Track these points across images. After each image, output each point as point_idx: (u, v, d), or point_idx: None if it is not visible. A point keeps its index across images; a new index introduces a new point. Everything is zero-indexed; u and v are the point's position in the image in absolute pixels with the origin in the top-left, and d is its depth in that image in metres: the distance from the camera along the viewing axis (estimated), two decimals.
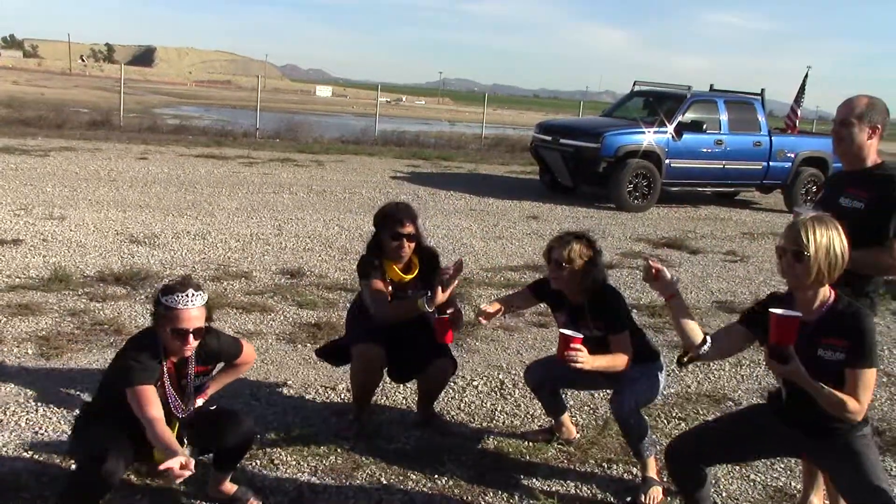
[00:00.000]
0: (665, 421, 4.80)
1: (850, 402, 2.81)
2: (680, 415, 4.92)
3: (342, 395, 4.77)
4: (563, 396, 4.44)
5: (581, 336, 3.54)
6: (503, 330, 6.35)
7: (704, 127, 14.30)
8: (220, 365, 3.74)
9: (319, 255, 8.42)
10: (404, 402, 4.78)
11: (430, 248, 4.37)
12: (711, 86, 16.35)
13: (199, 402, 3.53)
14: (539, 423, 4.62)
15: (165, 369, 3.26)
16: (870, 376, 2.84)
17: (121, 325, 5.67)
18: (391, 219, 4.13)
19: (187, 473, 2.80)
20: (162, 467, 2.79)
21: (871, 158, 3.54)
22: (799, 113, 17.32)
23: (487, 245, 9.75)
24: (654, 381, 3.97)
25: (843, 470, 2.97)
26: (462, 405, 4.83)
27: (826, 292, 2.94)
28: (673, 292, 3.13)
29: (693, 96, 14.77)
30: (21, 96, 33.79)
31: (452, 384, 5.09)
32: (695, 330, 3.10)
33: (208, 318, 3.31)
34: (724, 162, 14.56)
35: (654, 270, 3.11)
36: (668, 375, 4.25)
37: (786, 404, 3.08)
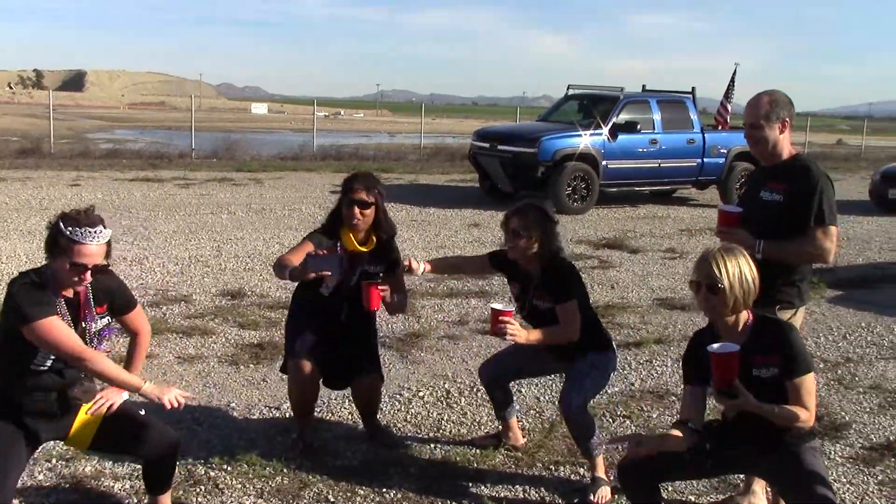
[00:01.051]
0: (610, 419, 4.85)
1: (801, 412, 2.90)
2: (625, 412, 4.97)
3: (287, 414, 4.72)
4: (514, 399, 4.46)
5: (511, 310, 3.60)
6: (448, 339, 6.35)
7: (639, 127, 14.54)
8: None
9: (260, 275, 8.33)
10: (350, 417, 4.75)
11: (389, 227, 4.21)
12: (644, 86, 16.65)
13: (102, 347, 3.34)
14: (486, 430, 4.63)
15: (61, 306, 3.08)
16: (810, 382, 2.94)
17: None
18: (346, 184, 4.08)
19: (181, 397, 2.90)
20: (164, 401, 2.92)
21: (787, 151, 3.64)
22: (730, 109, 17.68)
23: (430, 255, 9.74)
24: (603, 374, 3.99)
25: (794, 487, 2.99)
26: (409, 416, 4.81)
27: (745, 315, 3.03)
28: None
29: (626, 97, 15.00)
30: None
31: (398, 396, 5.08)
32: (677, 437, 3.04)
33: (108, 256, 3.13)
34: (659, 161, 14.81)
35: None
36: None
37: (735, 428, 3.12)
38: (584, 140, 14.00)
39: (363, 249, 4.12)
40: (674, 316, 7.27)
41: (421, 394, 5.17)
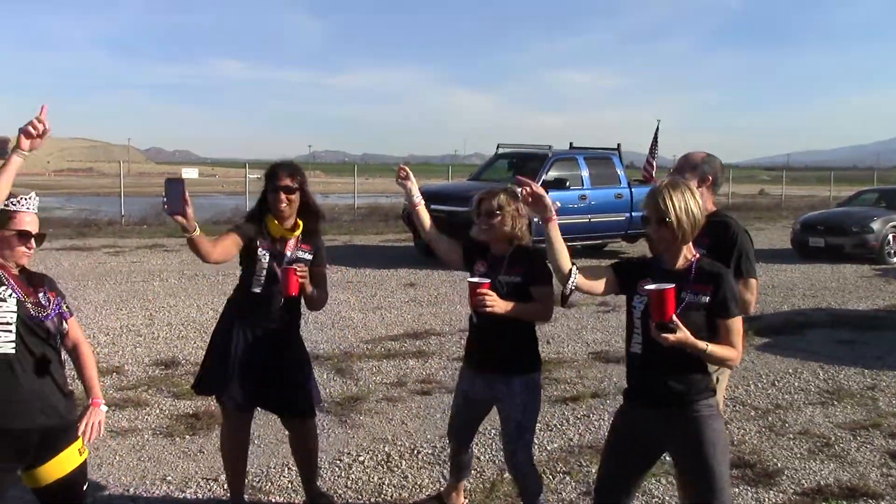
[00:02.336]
0: (550, 476, 4.88)
1: (730, 352, 3.04)
2: (564, 469, 5.01)
3: (224, 486, 4.63)
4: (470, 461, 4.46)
5: (488, 281, 3.68)
6: (386, 401, 6.34)
7: (568, 184, 14.87)
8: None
9: (194, 342, 8.21)
10: (289, 485, 4.69)
11: (315, 210, 4.20)
12: (571, 143, 17.06)
13: (97, 394, 3.30)
14: (427, 493, 4.62)
15: (4, 273, 3.03)
16: (739, 324, 3.08)
17: None
18: (270, 172, 4.06)
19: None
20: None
21: (706, 207, 3.80)
22: (654, 163, 18.21)
23: (366, 316, 9.75)
24: (535, 407, 3.98)
25: (693, 462, 3.09)
26: (349, 482, 4.78)
27: (690, 250, 3.16)
28: (551, 216, 3.27)
29: (554, 155, 15.36)
30: None
31: (338, 462, 5.04)
32: (566, 258, 3.24)
33: (42, 229, 3.15)
34: (589, 216, 15.13)
35: (527, 194, 3.27)
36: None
37: (644, 371, 3.17)
38: None
39: (290, 234, 4.09)
40: (609, 369, 7.37)
41: (361, 458, 5.14)
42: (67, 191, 49.82)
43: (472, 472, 4.90)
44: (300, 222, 4.13)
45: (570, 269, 3.22)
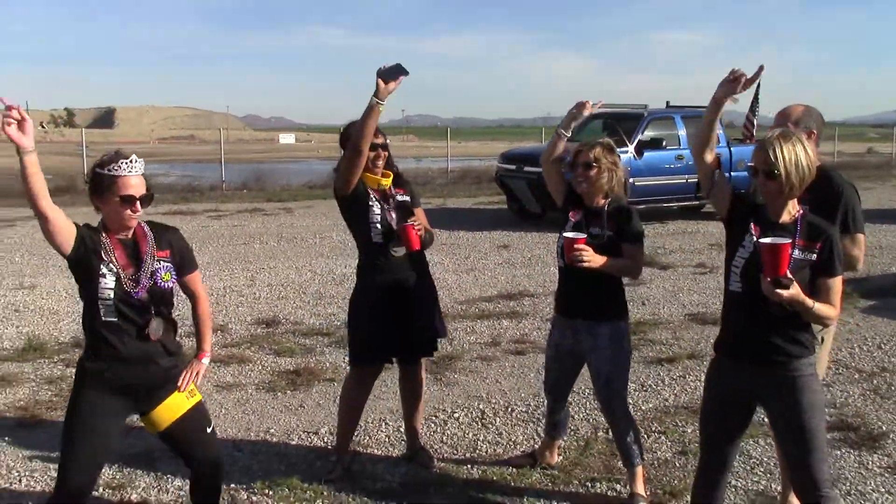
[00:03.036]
0: (645, 436, 4.86)
1: (831, 310, 2.99)
2: (659, 428, 4.99)
3: (325, 439, 4.80)
4: (567, 420, 4.52)
5: (584, 236, 3.73)
6: (481, 360, 6.41)
7: (664, 143, 14.56)
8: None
9: (294, 303, 8.45)
10: (387, 439, 4.82)
11: (395, 163, 4.41)
12: (668, 102, 16.65)
13: (208, 348, 3.51)
14: (522, 449, 4.67)
15: (109, 243, 3.15)
16: (840, 283, 3.02)
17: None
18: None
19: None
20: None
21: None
22: (755, 122, 17.64)
23: (460, 278, 9.83)
24: (625, 357, 3.99)
25: (790, 423, 3.04)
26: (445, 438, 4.87)
27: (794, 205, 3.08)
28: (724, 100, 3.23)
29: (650, 114, 15.04)
30: None
31: (434, 418, 5.14)
32: (713, 141, 3.27)
33: (149, 189, 3.19)
34: (686, 176, 14.79)
35: (738, 74, 3.14)
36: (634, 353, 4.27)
37: (744, 315, 3.12)
38: None
39: (386, 182, 4.27)
40: (706, 331, 7.25)
41: (456, 415, 5.23)
42: (171, 158, 51.53)
43: (567, 430, 4.94)
44: (389, 172, 4.30)
45: (717, 160, 3.27)
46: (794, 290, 2.85)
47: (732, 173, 15.12)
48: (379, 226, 4.16)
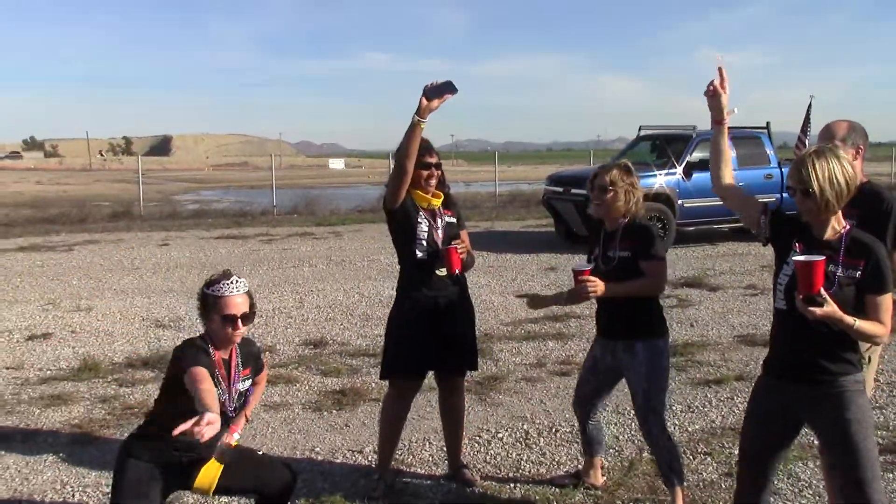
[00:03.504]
0: (691, 457, 4.82)
1: (879, 328, 2.91)
2: (706, 450, 4.94)
3: (369, 458, 4.84)
4: (604, 436, 4.50)
5: (589, 267, 3.80)
6: (525, 381, 6.41)
7: None
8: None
9: (341, 324, 8.54)
10: (430, 458, 4.85)
11: (446, 181, 4.43)
12: None
13: (241, 423, 3.62)
14: (565, 469, 4.66)
15: (216, 362, 3.31)
16: (889, 301, 2.95)
17: (150, 407, 5.78)
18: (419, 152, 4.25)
19: (210, 430, 2.79)
20: (183, 428, 2.79)
21: (857, 178, 3.64)
22: (807, 142, 17.35)
23: (507, 300, 9.84)
24: (662, 374, 3.98)
25: (839, 441, 2.98)
26: (488, 457, 4.88)
27: (840, 220, 3.04)
28: (721, 118, 3.33)
29: (699, 135, 14.92)
30: (44, 195, 34.64)
31: (478, 437, 5.15)
32: (728, 170, 3.41)
33: (252, 307, 3.36)
34: None
35: (712, 88, 3.29)
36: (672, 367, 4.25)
37: (790, 331, 3.08)
38: (659, 179, 13.97)
39: (436, 202, 4.32)
40: (755, 352, 7.16)
41: (500, 435, 5.24)
42: (224, 184, 52.46)
43: (611, 450, 4.92)
44: (440, 193, 4.35)
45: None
46: (830, 308, 2.81)
47: (785, 194, 14.92)
48: (424, 243, 4.23)
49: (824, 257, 2.84)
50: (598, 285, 3.77)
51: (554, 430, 5.32)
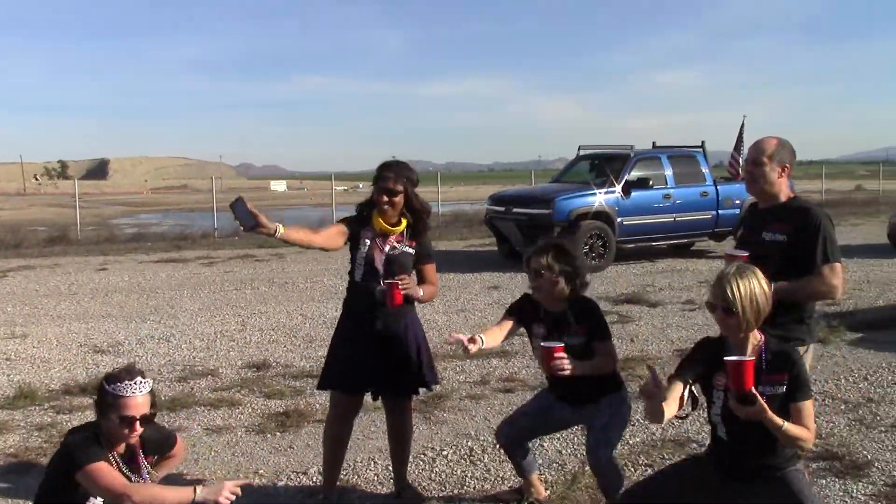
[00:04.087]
0: (632, 468, 4.90)
1: (805, 433, 3.03)
2: (646, 462, 5.03)
3: (314, 479, 4.82)
4: (534, 455, 4.55)
5: (562, 345, 3.73)
6: (470, 399, 6.45)
7: (651, 183, 14.75)
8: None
9: (284, 346, 8.49)
10: (375, 477, 4.84)
11: (420, 208, 4.33)
12: (654, 143, 16.89)
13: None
14: (510, 485, 4.69)
15: (113, 459, 3.23)
16: (811, 407, 3.09)
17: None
18: (378, 171, 4.27)
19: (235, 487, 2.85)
20: (221, 500, 2.83)
21: (784, 193, 3.79)
22: (740, 161, 17.85)
23: (450, 318, 9.89)
24: (623, 418, 4.11)
25: None
26: (433, 475, 4.90)
27: (757, 335, 3.17)
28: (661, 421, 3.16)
29: (637, 155, 15.24)
30: None
31: (423, 455, 5.17)
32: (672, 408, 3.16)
33: (154, 406, 3.30)
34: (674, 215, 14.95)
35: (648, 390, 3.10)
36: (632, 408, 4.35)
37: (725, 451, 3.22)
38: (599, 198, 14.20)
39: (395, 230, 4.29)
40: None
41: (445, 452, 5.26)
42: (164, 207, 51.65)
43: (554, 464, 4.98)
44: (404, 220, 4.31)
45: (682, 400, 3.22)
46: (761, 407, 2.93)
47: (720, 211, 15.31)
48: (363, 264, 4.24)
49: (753, 358, 2.98)
50: (571, 365, 3.74)
51: (498, 446, 5.35)
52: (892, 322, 9.22)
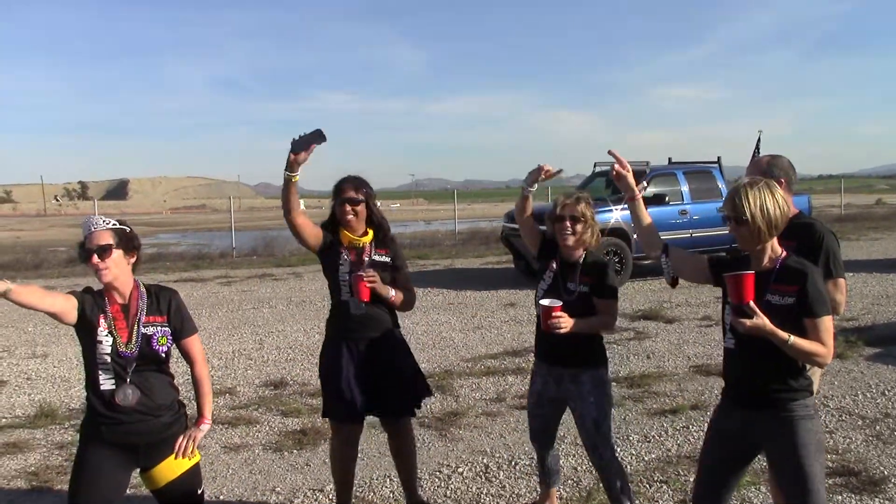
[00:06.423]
0: (647, 485, 4.90)
1: (818, 347, 2.99)
2: (662, 478, 5.02)
3: (330, 496, 4.85)
4: (559, 461, 4.56)
5: (560, 304, 3.80)
6: (486, 416, 6.46)
7: (667, 199, 14.72)
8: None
9: (301, 364, 8.54)
10: (391, 495, 4.87)
11: (380, 221, 4.36)
12: (670, 159, 16.87)
13: (207, 415, 3.53)
14: (524, 502, 4.71)
15: (110, 306, 3.27)
16: (829, 322, 3.03)
17: None
18: (336, 186, 4.29)
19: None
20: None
21: (789, 209, 3.80)
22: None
23: (467, 336, 9.91)
24: (608, 400, 4.10)
25: (786, 463, 3.08)
26: (448, 492, 4.91)
27: (776, 249, 3.17)
28: (633, 195, 3.65)
29: (652, 171, 15.23)
30: None
31: (438, 472, 5.19)
32: (656, 236, 3.66)
33: (127, 244, 3.29)
34: (690, 231, 14.92)
35: (615, 173, 3.67)
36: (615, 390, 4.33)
37: (738, 366, 3.22)
38: (615, 215, 14.20)
39: (363, 240, 4.28)
40: (710, 382, 7.30)
41: (460, 469, 5.28)
42: (183, 227, 52.04)
43: (569, 481, 4.98)
44: (370, 230, 4.33)
45: (664, 246, 3.56)
46: (759, 321, 2.94)
47: None
48: (347, 284, 4.23)
49: (752, 272, 2.98)
50: (570, 322, 3.82)
51: (513, 463, 5.38)
52: None
